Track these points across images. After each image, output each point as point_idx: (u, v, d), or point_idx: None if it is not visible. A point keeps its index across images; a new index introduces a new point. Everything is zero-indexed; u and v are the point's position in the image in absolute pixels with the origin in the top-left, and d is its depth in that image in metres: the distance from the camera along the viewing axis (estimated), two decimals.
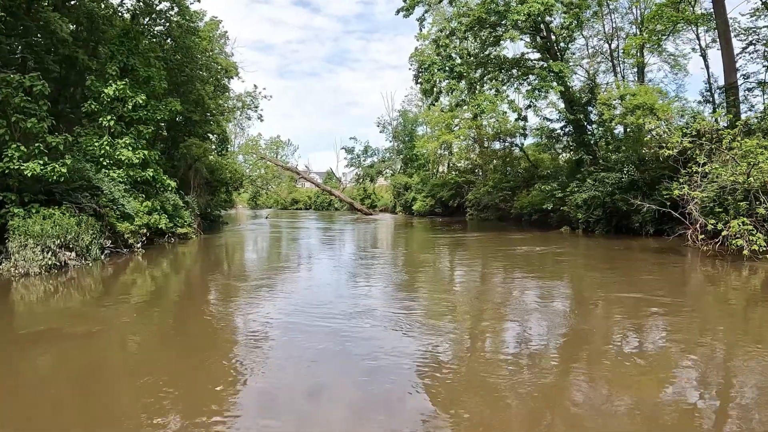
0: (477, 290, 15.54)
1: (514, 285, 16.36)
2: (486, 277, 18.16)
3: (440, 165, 68.92)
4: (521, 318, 11.55)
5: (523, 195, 43.20)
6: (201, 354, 9.27)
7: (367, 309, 12.12)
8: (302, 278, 17.94)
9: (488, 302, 13.48)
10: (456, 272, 19.29)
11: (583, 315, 11.80)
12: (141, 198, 25.48)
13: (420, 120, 73.77)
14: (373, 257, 22.59)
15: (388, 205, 76.08)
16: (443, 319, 11.45)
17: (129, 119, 26.44)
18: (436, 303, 13.36)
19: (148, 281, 18.19)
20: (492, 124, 51.68)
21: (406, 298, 14.03)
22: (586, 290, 15.42)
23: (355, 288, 15.72)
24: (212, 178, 37.77)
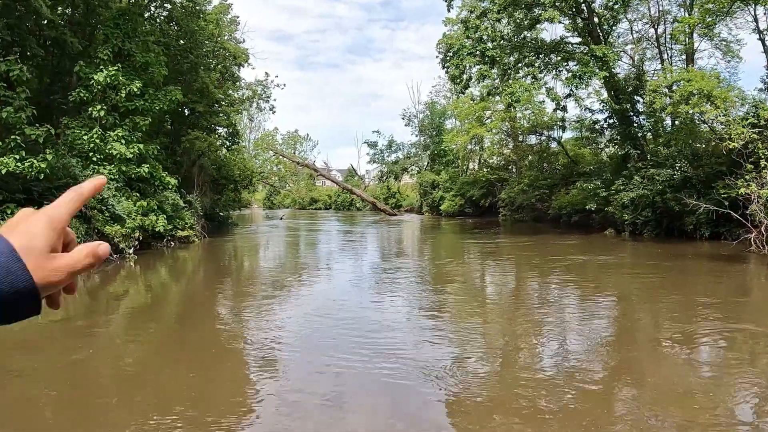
0: (525, 322, 13.44)
1: (569, 314, 14.66)
2: (533, 299, 16.48)
3: (470, 161, 67.73)
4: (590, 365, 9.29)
5: (561, 194, 41.62)
6: (203, 384, 8.28)
7: (390, 350, 9.71)
8: (313, 295, 16.31)
9: (540, 342, 11.84)
10: (495, 293, 17.15)
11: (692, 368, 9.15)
12: (135, 197, 24.36)
13: (448, 112, 72.34)
14: (396, 269, 20.72)
15: (414, 204, 74.97)
16: (488, 368, 9.29)
17: (124, 110, 25.39)
18: (475, 343, 11.50)
19: (138, 293, 17.06)
20: (527, 116, 50.13)
21: (435, 330, 11.80)
22: (679, 320, 12.91)
23: (374, 318, 13.91)
24: (219, 175, 36.64)
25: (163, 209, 26.07)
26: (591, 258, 23.00)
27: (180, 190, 28.47)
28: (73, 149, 23.14)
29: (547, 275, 19.07)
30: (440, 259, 24.88)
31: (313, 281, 18.70)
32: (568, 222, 39.73)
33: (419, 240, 35.73)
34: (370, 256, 26.17)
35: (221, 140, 38.94)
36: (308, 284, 18.08)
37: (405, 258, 24.94)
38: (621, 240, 30.16)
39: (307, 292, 16.61)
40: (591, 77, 32.17)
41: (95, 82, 23.78)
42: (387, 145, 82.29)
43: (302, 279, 19.19)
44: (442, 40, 37.75)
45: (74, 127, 23.79)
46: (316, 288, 17.25)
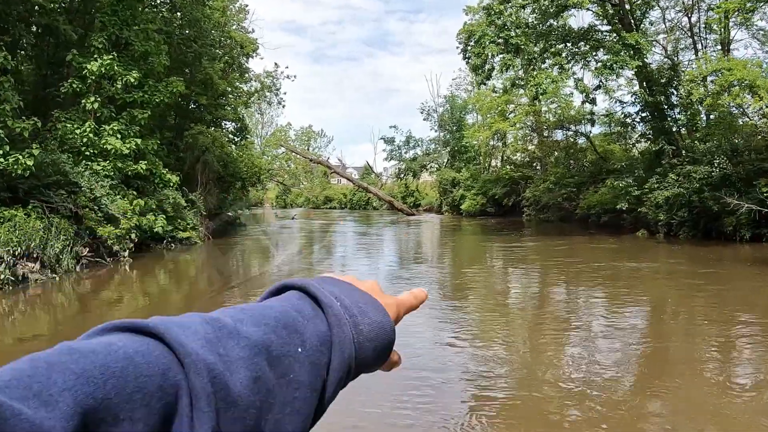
0: (551, 333, 12.48)
1: (599, 325, 13.69)
2: (559, 308, 15.48)
3: (493, 158, 66.82)
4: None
5: (590, 193, 40.69)
6: None
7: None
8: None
9: (567, 354, 10.91)
10: (520, 303, 15.84)
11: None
12: (132, 196, 23.60)
13: (469, 106, 71.43)
14: (413, 277, 19.49)
15: (433, 203, 73.95)
16: (512, 380, 8.77)
17: (121, 102, 24.68)
18: (499, 358, 10.72)
19: (133, 299, 16.35)
20: (553, 110, 49.60)
21: (456, 340, 11.26)
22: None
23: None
24: (225, 172, 35.87)
25: (162, 209, 25.39)
26: (623, 263, 21.89)
27: (182, 189, 27.76)
28: (64, 144, 22.39)
29: (575, 282, 18.06)
30: (461, 265, 23.73)
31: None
32: (597, 222, 38.71)
33: (438, 243, 34.71)
34: (386, 261, 25.08)
35: (228, 135, 38.22)
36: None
37: (423, 264, 23.74)
38: (655, 242, 29.16)
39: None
40: (622, 67, 31.13)
41: (88, 72, 23.00)
42: (405, 141, 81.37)
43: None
44: (462, 30, 36.73)
45: (66, 120, 22.99)
46: None
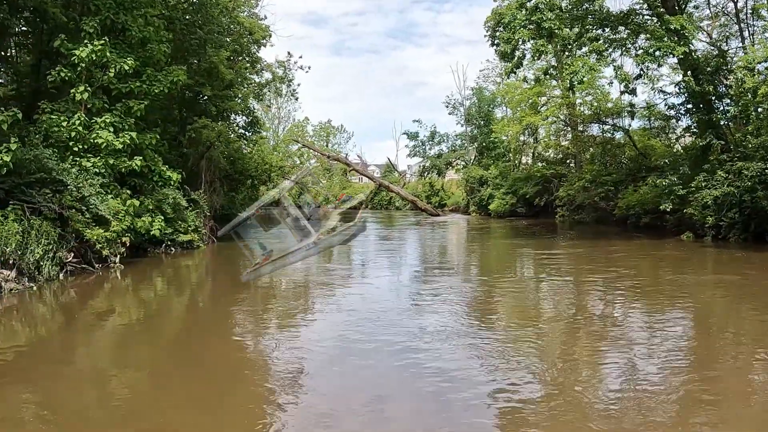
0: (588, 353, 11.42)
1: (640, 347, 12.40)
2: (595, 323, 14.21)
3: (523, 155, 66.42)
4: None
5: (629, 192, 39.60)
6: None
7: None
8: (335, 322, 13.96)
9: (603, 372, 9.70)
10: (555, 322, 14.35)
11: None
12: (126, 195, 22.67)
13: (498, 99, 70.62)
14: (437, 291, 17.85)
15: (460, 203, 73.66)
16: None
17: (116, 92, 23.69)
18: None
19: (125, 311, 15.34)
20: (588, 102, 48.33)
21: (484, 353, 10.36)
22: None
23: (411, 348, 11.69)
24: (233, 169, 34.89)
25: (161, 209, 24.44)
26: (671, 273, 20.66)
27: (183, 187, 26.91)
28: (50, 138, 21.37)
29: (615, 294, 16.77)
30: (489, 275, 22.14)
31: (334, 304, 16.17)
32: (636, 224, 37.91)
33: (465, 249, 33.33)
34: (408, 269, 23.60)
35: (236, 129, 37.29)
36: (325, 310, 15.60)
37: (448, 273, 21.97)
38: (701, 246, 28.05)
39: (323, 323, 14.14)
40: (667, 54, 29.77)
41: (77, 59, 21.99)
42: (429, 136, 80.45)
43: (318, 303, 16.89)
44: (490, 17, 35.60)
45: (53, 111, 21.98)
46: (332, 317, 14.71)
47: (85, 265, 19.59)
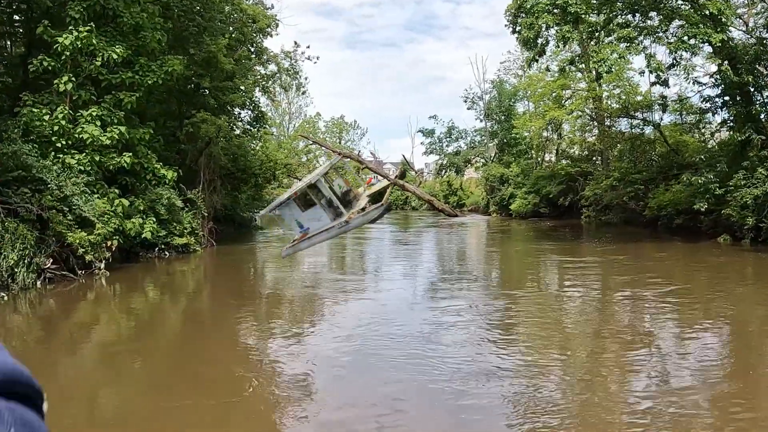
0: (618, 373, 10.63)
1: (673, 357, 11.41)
2: (624, 340, 13.24)
3: (546, 151, 65.53)
4: None
5: (660, 191, 38.50)
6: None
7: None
8: (338, 355, 12.63)
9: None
10: (581, 338, 13.56)
11: None
12: (113, 194, 22.00)
13: (520, 92, 69.69)
14: (455, 304, 17.08)
15: (479, 203, 72.78)
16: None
17: (105, 83, 22.99)
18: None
19: (111, 322, 14.84)
20: (616, 96, 47.58)
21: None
22: None
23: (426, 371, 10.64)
24: (235, 167, 34.04)
25: (154, 210, 23.86)
26: (705, 279, 19.62)
27: (179, 186, 26.23)
28: (31, 133, 20.53)
29: (646, 308, 15.66)
30: (513, 288, 20.68)
31: (340, 328, 14.48)
32: (668, 226, 36.81)
33: (485, 254, 32.29)
34: (422, 279, 22.59)
35: (238, 124, 36.47)
36: (330, 335, 14.14)
37: (465, 283, 20.89)
38: (739, 250, 27.30)
39: (328, 348, 12.77)
40: (702, 41, 28.78)
41: (61, 47, 21.14)
42: (446, 132, 79.32)
43: (324, 322, 15.69)
44: (511, 5, 34.55)
45: (34, 104, 21.12)
46: (336, 346, 12.99)
47: (65, 272, 18.70)
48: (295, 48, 39.78)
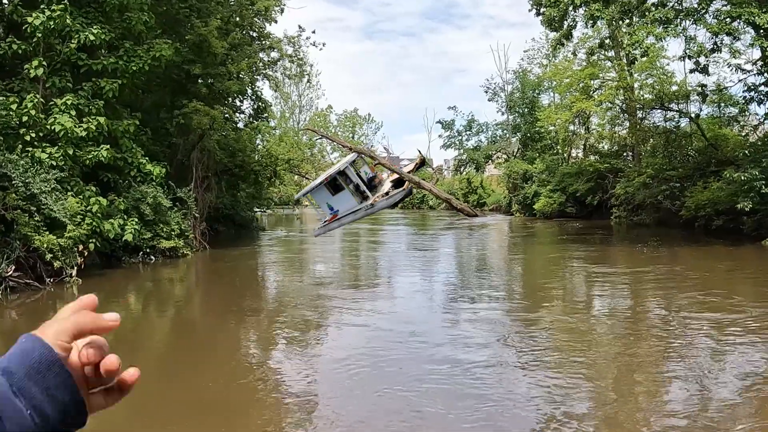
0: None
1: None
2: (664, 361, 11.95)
3: (573, 146, 64.65)
4: None
5: (697, 189, 37.41)
6: None
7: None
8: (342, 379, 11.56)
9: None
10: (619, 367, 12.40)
11: None
12: (90, 192, 21.00)
13: (545, 83, 68.72)
14: (475, 326, 15.48)
15: (501, 202, 72.27)
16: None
17: (86, 69, 22.03)
18: None
19: None
20: (649, 86, 46.51)
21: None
22: None
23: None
24: (232, 162, 32.90)
25: (138, 210, 22.91)
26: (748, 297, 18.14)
27: (168, 184, 25.43)
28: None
29: (689, 333, 14.15)
30: (534, 302, 18.79)
31: (344, 359, 12.98)
32: (706, 227, 35.75)
33: (509, 262, 30.53)
34: (436, 295, 20.70)
35: (237, 116, 35.37)
36: (328, 350, 13.38)
37: (483, 301, 18.80)
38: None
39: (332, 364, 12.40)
40: (748, 23, 27.65)
41: (31, 27, 20.03)
42: (466, 125, 77.59)
43: (319, 337, 14.62)
44: None
45: (0, 92, 20.04)
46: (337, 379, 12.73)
47: (29, 281, 17.51)
48: (300, 32, 38.50)
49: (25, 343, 0.95)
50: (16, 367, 0.92)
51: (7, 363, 0.93)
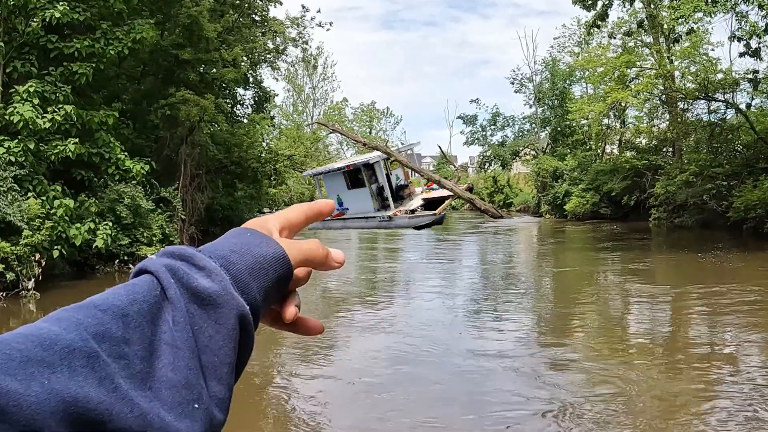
0: None
1: None
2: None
3: (608, 142, 63.60)
4: None
5: (747, 188, 36.59)
6: None
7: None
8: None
9: None
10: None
11: None
12: (56, 192, 19.91)
13: (576, 73, 67.82)
14: (500, 358, 14.01)
15: (529, 202, 71.00)
16: None
17: (57, 53, 21.10)
18: None
19: None
20: (693, 74, 44.71)
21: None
22: None
23: None
24: (228, 159, 31.74)
25: (115, 212, 21.81)
26: None
27: (151, 182, 24.52)
28: None
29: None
30: (565, 328, 17.10)
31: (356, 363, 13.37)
32: (756, 230, 34.88)
33: (533, 271, 28.99)
34: (452, 323, 19.09)
35: (237, 107, 34.24)
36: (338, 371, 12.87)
37: (513, 337, 17.44)
38: None
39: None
40: None
41: None
42: (490, 119, 77.28)
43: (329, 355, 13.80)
44: None
45: None
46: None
47: None
48: (304, 13, 37.27)
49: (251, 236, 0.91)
50: (237, 258, 0.87)
51: (227, 251, 0.88)
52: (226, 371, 0.81)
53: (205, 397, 0.78)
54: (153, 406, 0.73)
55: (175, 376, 0.76)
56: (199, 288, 0.81)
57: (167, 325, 0.79)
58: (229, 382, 0.82)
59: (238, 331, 0.83)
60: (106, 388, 0.68)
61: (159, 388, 0.75)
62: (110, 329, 0.73)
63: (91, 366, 0.68)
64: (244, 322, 0.84)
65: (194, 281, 0.82)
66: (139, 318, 0.76)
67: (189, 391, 0.76)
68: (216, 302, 0.81)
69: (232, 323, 0.82)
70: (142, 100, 28.36)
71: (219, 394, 0.80)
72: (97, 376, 0.68)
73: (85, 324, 0.71)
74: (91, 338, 0.70)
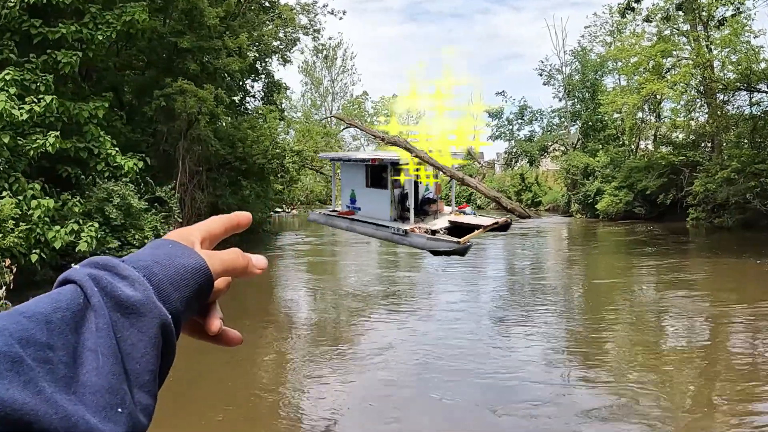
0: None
1: None
2: None
3: (642, 137, 62.80)
4: None
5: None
6: None
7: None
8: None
9: None
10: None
11: None
12: (34, 190, 19.09)
13: (608, 64, 67.06)
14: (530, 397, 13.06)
15: (558, 201, 70.06)
16: None
17: (40, 39, 20.50)
18: None
19: None
20: (733, 63, 44.43)
21: None
22: None
23: None
24: (233, 155, 31.00)
25: (103, 212, 21.04)
26: None
27: (146, 180, 23.85)
28: None
29: None
30: (598, 342, 16.15)
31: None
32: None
33: (563, 281, 27.82)
34: (477, 339, 18.28)
35: (247, 99, 33.52)
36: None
37: (533, 349, 16.20)
38: None
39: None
40: None
41: None
42: (517, 113, 75.83)
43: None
44: None
45: None
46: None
47: None
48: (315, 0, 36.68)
49: (172, 248, 0.98)
50: (159, 269, 0.93)
51: (150, 262, 0.94)
52: (148, 378, 0.87)
53: (128, 402, 0.83)
54: (77, 409, 0.79)
55: (99, 381, 0.82)
56: (122, 297, 0.86)
57: (91, 332, 0.84)
58: (152, 389, 0.87)
59: (160, 339, 0.89)
60: (30, 391, 0.74)
61: (83, 393, 0.81)
62: (34, 335, 0.79)
63: (15, 370, 0.74)
64: (166, 331, 0.90)
65: (118, 290, 0.86)
66: (62, 325, 0.82)
67: (113, 396, 0.82)
68: (139, 311, 0.87)
69: (155, 332, 0.88)
70: (140, 92, 27.78)
71: (143, 400, 0.86)
72: (21, 379, 0.74)
73: (10, 330, 0.77)
74: (16, 343, 0.76)
